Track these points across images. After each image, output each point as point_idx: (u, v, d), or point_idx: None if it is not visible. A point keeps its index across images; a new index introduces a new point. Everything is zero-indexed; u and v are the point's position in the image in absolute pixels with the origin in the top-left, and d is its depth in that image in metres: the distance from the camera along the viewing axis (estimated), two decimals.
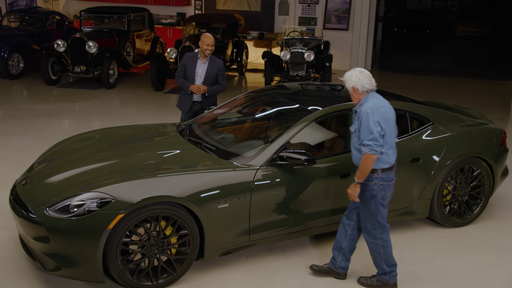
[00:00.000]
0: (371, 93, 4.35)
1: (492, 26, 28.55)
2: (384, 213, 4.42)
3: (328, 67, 12.08)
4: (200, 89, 6.44)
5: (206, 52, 6.46)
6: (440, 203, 5.51)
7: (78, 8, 18.47)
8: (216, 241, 4.54)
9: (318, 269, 4.72)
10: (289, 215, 4.84)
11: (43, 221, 4.15)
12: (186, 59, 6.62)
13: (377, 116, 4.18)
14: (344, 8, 15.61)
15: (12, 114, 9.90)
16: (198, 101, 6.61)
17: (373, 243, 4.46)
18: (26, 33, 13.70)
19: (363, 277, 4.66)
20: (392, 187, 4.41)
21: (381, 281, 4.54)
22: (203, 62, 6.54)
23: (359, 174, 4.26)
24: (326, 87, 6.49)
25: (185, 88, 6.57)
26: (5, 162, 7.32)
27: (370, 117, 4.18)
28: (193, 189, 4.35)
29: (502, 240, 5.51)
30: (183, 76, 6.65)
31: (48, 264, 4.25)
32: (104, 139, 5.45)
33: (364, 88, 4.30)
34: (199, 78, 6.54)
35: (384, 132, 4.23)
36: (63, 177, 4.57)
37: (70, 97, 11.41)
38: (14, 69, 12.95)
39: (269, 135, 5.29)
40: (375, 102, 4.26)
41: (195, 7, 17.36)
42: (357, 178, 4.27)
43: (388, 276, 4.51)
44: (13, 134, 8.58)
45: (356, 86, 4.32)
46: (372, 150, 4.15)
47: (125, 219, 4.12)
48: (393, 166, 4.38)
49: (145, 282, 4.35)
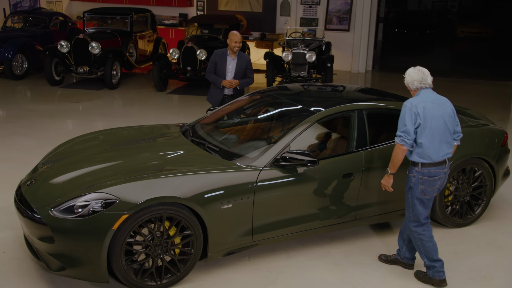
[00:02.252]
0: (424, 90, 4.47)
1: (492, 27, 28.54)
2: (420, 210, 4.49)
3: (330, 67, 12.07)
4: (232, 83, 6.95)
5: (234, 49, 6.94)
6: (442, 203, 5.50)
7: (81, 9, 18.50)
8: (220, 242, 4.54)
9: (385, 258, 4.93)
10: (292, 215, 4.82)
11: (48, 221, 4.14)
12: (216, 56, 7.06)
13: (414, 110, 4.33)
14: (345, 9, 15.60)
15: (16, 114, 9.90)
16: (229, 94, 7.07)
17: (411, 233, 4.60)
18: (30, 34, 13.74)
19: (419, 270, 4.75)
20: (436, 184, 4.44)
21: (427, 276, 4.63)
22: (232, 58, 7.02)
23: (391, 164, 4.49)
24: (328, 88, 6.48)
25: (217, 83, 7.02)
26: (9, 162, 7.32)
27: (407, 111, 4.36)
28: (196, 189, 4.34)
29: (504, 241, 5.50)
30: (213, 72, 7.08)
31: (53, 264, 4.24)
32: (108, 140, 5.45)
33: (414, 86, 4.49)
34: (230, 74, 7.03)
35: (419, 126, 4.33)
36: (67, 177, 4.56)
37: (73, 98, 11.42)
38: (18, 70, 12.97)
39: (272, 136, 5.29)
40: (418, 98, 4.42)
41: (197, 8, 17.37)
42: (389, 169, 4.52)
43: (431, 271, 4.58)
44: (17, 135, 8.59)
45: (407, 83, 4.54)
46: (402, 141, 4.34)
47: (129, 220, 4.11)
48: (437, 162, 4.40)
49: (149, 282, 4.34)
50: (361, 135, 5.11)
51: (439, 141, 4.39)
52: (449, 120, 4.45)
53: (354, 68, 15.89)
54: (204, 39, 13.17)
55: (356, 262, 4.95)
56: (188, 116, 10.24)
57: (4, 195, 6.12)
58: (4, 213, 5.69)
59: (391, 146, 5.20)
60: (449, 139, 4.46)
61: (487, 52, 23.45)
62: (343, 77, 14.88)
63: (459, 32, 28.56)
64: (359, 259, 5.00)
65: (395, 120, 5.57)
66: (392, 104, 5.52)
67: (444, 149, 4.43)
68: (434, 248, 4.55)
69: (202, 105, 11.07)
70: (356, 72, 15.87)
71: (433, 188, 4.45)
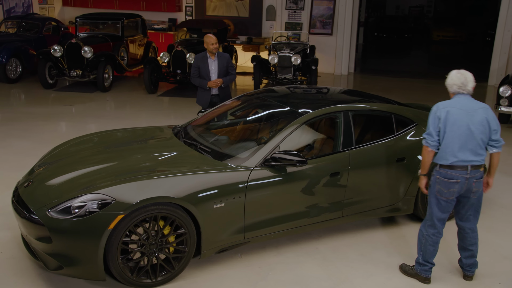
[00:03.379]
0: (459, 95, 4.33)
1: (466, 31, 28.80)
2: (435, 210, 4.39)
3: (314, 70, 12.07)
4: (217, 83, 7.04)
5: (213, 51, 7.01)
6: (424, 200, 5.51)
7: (73, 14, 18.31)
8: (213, 240, 4.50)
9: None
10: (282, 213, 4.80)
11: (45, 222, 4.07)
12: (198, 61, 7.12)
13: (438, 114, 4.27)
14: (328, 14, 15.61)
15: (11, 117, 9.75)
16: (215, 94, 7.19)
17: (420, 230, 4.55)
18: (24, 39, 13.54)
19: (404, 264, 4.77)
20: (453, 187, 4.26)
21: (414, 270, 4.63)
22: (213, 60, 7.09)
23: (421, 165, 4.45)
24: (313, 90, 6.46)
25: (203, 85, 7.10)
26: (5, 163, 7.20)
27: (432, 114, 4.33)
28: (190, 189, 4.30)
29: (482, 234, 5.50)
30: (198, 76, 7.15)
31: (51, 264, 4.17)
32: (102, 142, 5.37)
33: (453, 89, 4.35)
34: (213, 74, 7.10)
35: (440, 130, 4.25)
36: (63, 179, 4.48)
37: (67, 100, 11.29)
38: (12, 74, 12.78)
39: (262, 137, 5.26)
40: (447, 103, 4.31)
41: (186, 13, 17.28)
42: (421, 170, 4.49)
43: (420, 267, 4.56)
44: (12, 137, 8.45)
45: (447, 85, 4.41)
46: (426, 143, 4.33)
47: (125, 220, 4.05)
48: (455, 166, 4.23)
49: (145, 279, 4.29)
50: (347, 135, 5.10)
51: (459, 147, 4.20)
52: (478, 128, 4.20)
53: (337, 71, 15.92)
54: (193, 43, 13.09)
55: (344, 258, 4.93)
56: (178, 117, 10.19)
57: (1, 196, 6.01)
58: (1, 213, 5.59)
59: (376, 145, 5.22)
60: (474, 146, 4.22)
61: (461, 54, 23.64)
62: (327, 79, 14.89)
63: (435, 36, 28.80)
64: (346, 255, 4.99)
65: (379, 121, 5.61)
66: (375, 106, 5.52)
67: (467, 155, 4.21)
68: (434, 253, 4.50)
69: (192, 107, 11.03)
70: (339, 74, 15.90)
71: (449, 191, 4.28)
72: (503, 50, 14.42)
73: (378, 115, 5.57)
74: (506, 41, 14.35)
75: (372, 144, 5.22)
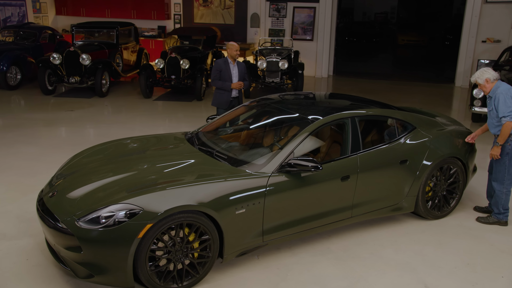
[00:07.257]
0: (499, 81, 5.27)
1: (427, 35, 29.05)
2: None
3: (300, 74, 11.94)
4: (241, 85, 7.14)
5: (236, 57, 7.17)
6: (424, 198, 5.43)
7: (66, 22, 17.81)
8: (234, 244, 4.32)
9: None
10: (297, 216, 4.64)
11: (74, 232, 3.83)
12: (220, 65, 7.14)
13: (509, 95, 5.12)
14: (309, 21, 15.48)
15: (15, 123, 9.35)
16: (235, 96, 7.23)
17: (500, 190, 5.39)
18: (22, 47, 13.08)
19: (480, 217, 5.62)
20: None
21: (496, 219, 5.51)
22: (234, 65, 7.18)
23: (500, 138, 5.21)
24: (311, 96, 6.26)
25: (227, 87, 7.10)
26: (17, 170, 6.85)
27: (507, 97, 5.13)
28: (213, 197, 4.11)
29: (477, 229, 5.47)
30: (218, 79, 7.13)
31: (81, 272, 3.94)
32: (118, 151, 5.09)
33: (494, 77, 5.25)
34: (235, 78, 7.17)
35: None
36: (87, 189, 4.22)
37: (67, 106, 10.91)
38: (12, 81, 12.32)
39: (275, 143, 5.09)
40: (505, 86, 5.20)
41: (175, 21, 16.97)
42: (499, 141, 5.24)
43: (502, 215, 5.48)
44: (20, 143, 8.08)
45: (489, 77, 5.24)
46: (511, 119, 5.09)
47: (153, 228, 3.85)
48: None
49: (172, 284, 4.09)
50: (355, 140, 4.97)
51: None
52: None
53: (318, 74, 15.82)
54: (186, 50, 12.84)
55: (355, 256, 4.81)
56: (173, 120, 9.96)
57: (18, 203, 5.70)
58: (21, 220, 5.29)
59: (382, 149, 5.12)
60: None
61: (423, 57, 23.82)
62: (309, 81, 14.76)
63: (400, 40, 28.95)
64: (357, 253, 4.87)
65: (382, 125, 5.53)
66: (379, 112, 5.42)
67: None
68: (509, 200, 5.42)
69: (186, 110, 10.81)
70: (319, 77, 15.80)
71: None
72: (468, 54, 14.53)
73: (382, 120, 5.49)
74: (470, 46, 14.47)
75: (378, 148, 5.11)
